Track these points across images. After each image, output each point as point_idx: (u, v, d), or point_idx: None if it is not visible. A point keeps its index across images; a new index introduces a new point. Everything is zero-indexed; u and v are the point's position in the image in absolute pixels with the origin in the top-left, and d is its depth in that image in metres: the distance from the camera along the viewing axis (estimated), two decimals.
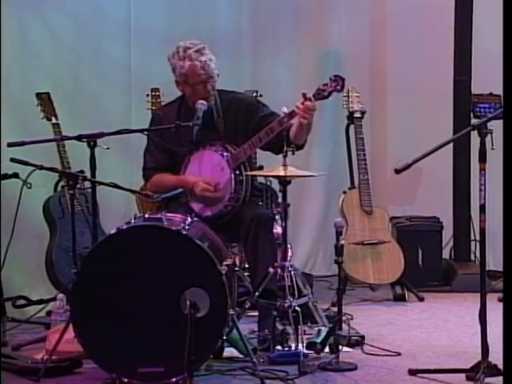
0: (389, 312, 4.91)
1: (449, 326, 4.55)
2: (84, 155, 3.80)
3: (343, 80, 3.87)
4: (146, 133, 4.21)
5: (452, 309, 4.94)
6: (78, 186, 3.82)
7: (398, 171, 3.42)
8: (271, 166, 4.06)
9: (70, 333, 3.55)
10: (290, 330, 3.80)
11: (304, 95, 3.88)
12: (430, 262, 5.52)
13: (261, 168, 4.69)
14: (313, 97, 3.88)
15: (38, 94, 4.87)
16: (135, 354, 3.44)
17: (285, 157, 3.81)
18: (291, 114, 3.92)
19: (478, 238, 3.87)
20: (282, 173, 3.82)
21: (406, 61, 6.08)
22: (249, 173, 4.13)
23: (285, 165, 3.81)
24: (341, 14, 6.09)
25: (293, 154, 3.84)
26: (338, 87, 3.87)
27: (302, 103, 3.89)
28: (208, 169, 4.16)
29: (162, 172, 4.23)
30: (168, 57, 4.19)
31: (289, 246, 3.93)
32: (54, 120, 4.81)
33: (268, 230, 4.02)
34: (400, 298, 5.18)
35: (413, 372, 3.62)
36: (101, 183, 3.79)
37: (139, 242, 3.49)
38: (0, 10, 4.81)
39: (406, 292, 5.20)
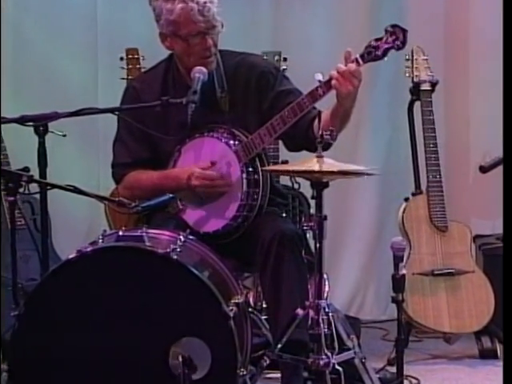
0: (473, 374, 4.93)
1: None
2: (30, 146, 3.83)
3: (405, 32, 3.87)
4: (117, 113, 4.23)
5: None
6: (21, 190, 3.83)
7: (484, 169, 3.44)
8: (300, 159, 4.00)
9: None
10: None
11: (348, 55, 3.88)
12: None
13: (285, 163, 4.70)
14: (360, 58, 3.89)
15: None
16: None
17: (320, 143, 3.66)
18: (329, 84, 3.91)
19: None
20: (315, 167, 3.68)
21: (497, 10, 6.07)
22: (267, 168, 4.14)
23: (320, 156, 3.71)
24: None
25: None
26: (398, 42, 3.87)
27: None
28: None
29: (139, 169, 4.26)
30: None
31: (325, 276, 3.94)
32: None
33: (295, 254, 4.04)
34: (489, 354, 5.18)
35: None
36: (54, 186, 3.82)
37: (110, 270, 3.51)
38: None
39: (498, 345, 5.21)
